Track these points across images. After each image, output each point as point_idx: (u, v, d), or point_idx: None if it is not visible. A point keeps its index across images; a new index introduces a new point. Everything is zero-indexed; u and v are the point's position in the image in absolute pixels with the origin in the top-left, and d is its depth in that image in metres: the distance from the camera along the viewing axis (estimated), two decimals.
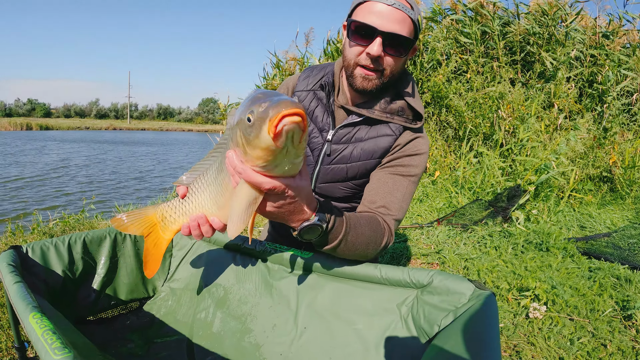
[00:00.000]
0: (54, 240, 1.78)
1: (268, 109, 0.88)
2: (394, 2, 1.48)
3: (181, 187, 1.31)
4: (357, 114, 1.70)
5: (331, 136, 1.74)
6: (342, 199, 1.83)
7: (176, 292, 2.01)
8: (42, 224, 4.71)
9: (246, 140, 0.95)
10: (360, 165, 1.72)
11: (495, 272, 3.39)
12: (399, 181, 1.66)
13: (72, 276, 1.78)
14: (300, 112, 0.88)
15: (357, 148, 1.70)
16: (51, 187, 11.92)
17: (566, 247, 4.04)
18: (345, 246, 1.39)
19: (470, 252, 3.89)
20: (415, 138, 1.70)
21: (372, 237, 1.47)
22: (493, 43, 7.80)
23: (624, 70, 7.52)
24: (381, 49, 1.50)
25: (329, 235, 1.31)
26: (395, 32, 1.49)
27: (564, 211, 5.45)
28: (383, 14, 1.48)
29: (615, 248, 4.36)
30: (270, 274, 1.74)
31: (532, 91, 7.25)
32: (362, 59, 1.56)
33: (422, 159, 1.70)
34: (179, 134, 70.44)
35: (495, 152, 6.11)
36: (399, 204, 1.62)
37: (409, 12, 1.51)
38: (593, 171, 6.45)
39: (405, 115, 1.70)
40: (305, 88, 1.83)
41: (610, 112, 7.41)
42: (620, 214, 5.75)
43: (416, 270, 1.45)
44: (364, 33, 1.51)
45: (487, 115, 6.71)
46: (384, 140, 1.68)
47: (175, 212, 1.34)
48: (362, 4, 1.55)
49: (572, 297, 3.03)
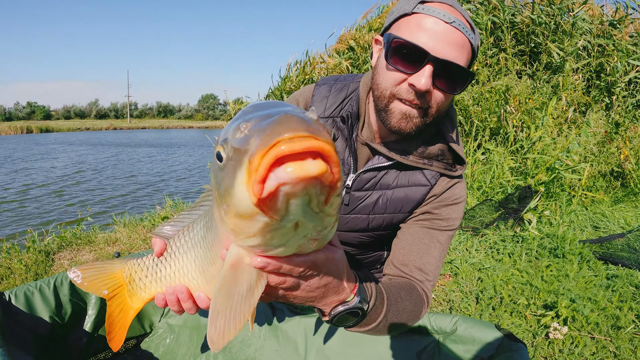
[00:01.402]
0: (38, 284, 1.65)
1: (249, 138, 0.50)
2: (454, 20, 1.13)
3: (157, 240, 0.97)
4: (386, 157, 1.34)
5: (352, 181, 1.38)
6: (356, 246, 1.53)
7: (174, 329, 1.88)
8: (37, 241, 4.58)
9: (218, 197, 0.60)
10: (385, 217, 1.40)
11: (511, 283, 3.25)
12: (436, 237, 1.35)
13: (61, 320, 1.65)
14: (321, 147, 0.48)
15: (383, 197, 1.38)
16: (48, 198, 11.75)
17: (582, 253, 3.92)
18: (382, 326, 1.08)
19: (484, 261, 3.75)
20: (454, 185, 1.38)
21: (413, 312, 1.19)
22: (502, 34, 7.60)
23: (632, 61, 7.33)
24: (431, 81, 1.14)
25: (367, 317, 1.00)
26: (452, 61, 1.14)
27: (576, 211, 5.32)
28: (438, 33, 1.13)
29: (631, 251, 4.26)
30: (275, 315, 1.60)
31: (539, 83, 7.08)
32: (403, 90, 1.18)
33: (461, 208, 1.40)
34: (180, 131, 70.38)
35: (505, 149, 5.93)
36: (435, 265, 1.32)
37: (469, 35, 1.16)
38: (605, 167, 6.29)
39: (445, 160, 1.36)
40: (323, 113, 1.43)
41: (619, 104, 7.24)
42: (634, 212, 5.63)
43: (438, 316, 1.32)
44: (409, 56, 1.15)
45: (493, 110, 6.54)
46: (417, 191, 1.36)
47: (148, 275, 0.99)
48: (408, 16, 1.19)
49: (592, 312, 2.90)
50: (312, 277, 0.78)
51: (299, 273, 0.73)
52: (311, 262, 0.73)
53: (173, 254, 0.92)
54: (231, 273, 0.66)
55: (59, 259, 4.60)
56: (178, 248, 0.91)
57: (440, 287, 3.36)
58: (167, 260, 0.94)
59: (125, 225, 5.72)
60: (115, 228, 5.64)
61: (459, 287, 3.33)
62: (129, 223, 5.81)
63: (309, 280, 0.78)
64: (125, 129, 76.15)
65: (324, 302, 0.89)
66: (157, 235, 0.98)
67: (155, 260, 0.97)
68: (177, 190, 13.15)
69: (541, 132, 5.42)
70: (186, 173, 17.71)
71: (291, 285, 0.76)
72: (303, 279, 0.76)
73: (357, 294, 0.92)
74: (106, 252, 4.79)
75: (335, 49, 8.33)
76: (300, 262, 0.70)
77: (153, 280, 0.98)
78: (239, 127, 0.53)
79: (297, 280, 0.76)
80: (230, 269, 0.66)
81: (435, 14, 1.13)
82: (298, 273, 0.73)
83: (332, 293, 0.87)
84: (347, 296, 0.91)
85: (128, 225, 5.74)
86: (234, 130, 0.54)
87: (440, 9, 1.14)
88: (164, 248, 0.96)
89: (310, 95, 1.48)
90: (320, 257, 0.74)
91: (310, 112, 0.55)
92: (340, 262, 0.83)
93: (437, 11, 1.13)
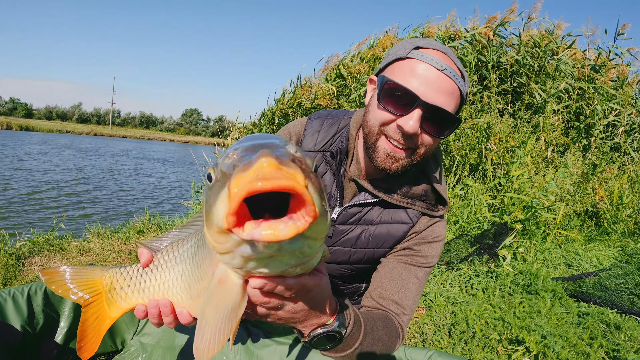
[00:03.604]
0: (11, 291, 1.60)
1: (232, 166, 0.57)
2: (446, 67, 1.17)
3: (144, 251, 0.98)
4: (372, 194, 1.39)
5: (337, 215, 1.42)
6: (336, 277, 1.55)
7: (147, 348, 1.84)
8: (9, 243, 4.46)
9: (205, 213, 0.64)
10: (367, 251, 1.43)
11: (484, 318, 3.27)
12: (414, 273, 1.38)
13: (33, 331, 1.61)
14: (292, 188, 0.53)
15: (366, 232, 1.41)
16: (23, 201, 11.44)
17: (554, 290, 3.98)
18: (358, 353, 1.12)
19: (457, 295, 3.77)
20: (434, 223, 1.42)
21: (388, 343, 1.22)
22: (487, 72, 7.82)
23: (612, 105, 7.61)
24: (419, 124, 1.17)
25: (343, 342, 1.06)
26: (441, 106, 1.17)
27: (550, 248, 5.41)
28: (429, 79, 1.16)
29: (603, 289, 4.34)
30: (251, 340, 1.58)
31: (519, 122, 7.27)
32: (391, 130, 1.22)
33: (440, 246, 1.44)
34: (161, 144, 69.63)
35: (484, 185, 6.04)
36: (412, 299, 1.35)
37: (459, 82, 1.20)
38: (579, 207, 6.44)
39: (427, 200, 1.40)
40: (313, 147, 1.45)
41: (597, 146, 7.46)
42: (607, 251, 5.74)
43: (413, 349, 1.33)
44: (401, 99, 1.18)
45: (474, 146, 6.67)
46: (399, 228, 1.40)
47: (130, 285, 0.99)
48: (402, 60, 1.23)
49: (563, 348, 2.93)
50: (297, 299, 0.84)
51: (285, 294, 0.78)
52: (300, 285, 0.78)
53: (160, 266, 0.93)
54: (219, 288, 0.72)
55: (29, 264, 4.47)
56: (166, 262, 0.92)
57: (414, 319, 3.37)
58: (152, 273, 0.94)
59: (99, 236, 5.60)
60: (88, 237, 5.52)
61: (432, 320, 3.34)
62: (103, 234, 5.69)
63: (295, 302, 0.84)
64: (106, 136, 75.15)
65: (305, 324, 0.95)
66: (145, 246, 0.99)
67: (140, 270, 0.97)
68: (155, 204, 12.94)
69: (520, 171, 5.55)
70: (166, 188, 17.47)
71: (276, 305, 0.82)
72: (288, 300, 0.83)
73: (336, 318, 0.99)
74: (78, 262, 4.67)
75: (326, 78, 8.48)
76: (286, 284, 0.76)
77: (135, 291, 0.97)
78: (228, 154, 0.59)
79: (281, 301, 0.82)
80: (218, 284, 0.72)
81: (428, 61, 1.17)
82: (283, 294, 0.78)
83: (314, 316, 0.93)
84: (327, 320, 0.98)
85: (102, 235, 5.62)
86: (224, 157, 0.60)
87: (433, 56, 1.18)
88: (151, 260, 0.97)
89: (303, 129, 1.52)
90: (307, 282, 0.80)
91: (291, 147, 0.61)
92: (325, 289, 0.90)
93: (430, 58, 1.18)
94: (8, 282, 4.00)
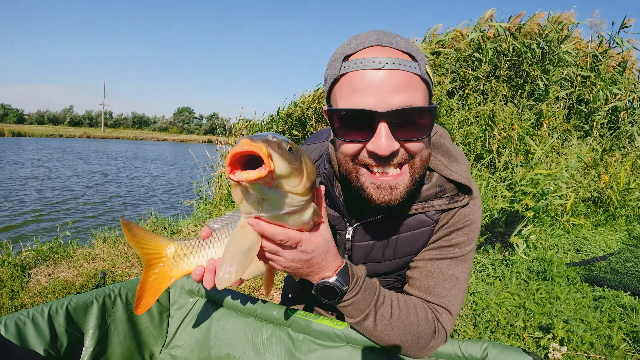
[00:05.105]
0: (30, 313, 1.51)
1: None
2: (385, 63, 0.98)
3: (205, 228, 1.19)
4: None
5: (351, 234, 1.32)
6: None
7: None
8: (12, 254, 4.38)
9: None
10: (397, 262, 1.33)
11: (505, 306, 3.28)
12: (451, 267, 1.25)
13: (56, 354, 1.52)
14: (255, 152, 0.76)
15: (389, 248, 1.29)
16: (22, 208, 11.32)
17: (569, 275, 4.01)
18: (376, 325, 1.16)
19: (476, 284, 3.77)
20: (463, 207, 1.25)
21: (418, 331, 1.15)
22: (498, 62, 7.96)
23: (615, 90, 7.66)
24: (392, 139, 0.99)
25: (352, 303, 1.13)
26: (404, 107, 0.98)
27: (559, 235, 5.43)
28: (374, 85, 0.98)
29: (614, 273, 4.38)
30: (295, 346, 1.50)
31: (522, 110, 7.27)
32: (365, 157, 1.05)
33: (473, 229, 1.27)
34: (155, 144, 69.33)
35: (494, 174, 6.01)
36: (455, 297, 1.24)
37: (410, 67, 1.00)
38: (586, 193, 6.45)
39: (447, 195, 1.24)
40: None
41: (598, 131, 7.48)
42: (614, 235, 5.78)
43: (467, 342, 1.27)
44: (357, 123, 1.01)
45: (478, 135, 6.63)
46: (422, 233, 1.26)
47: (193, 251, 1.22)
48: (338, 81, 1.06)
49: (586, 332, 2.97)
50: (291, 248, 0.99)
51: (279, 240, 0.95)
52: (289, 235, 0.95)
53: (218, 239, 1.19)
54: (240, 231, 0.96)
55: (35, 274, 4.40)
56: (219, 235, 1.18)
57: None
58: (210, 242, 1.20)
59: (105, 241, 5.53)
60: (94, 243, 5.45)
61: None
62: (109, 239, 5.62)
63: (290, 250, 0.99)
64: (99, 138, 74.78)
65: (312, 278, 1.09)
66: (206, 225, 1.19)
67: (201, 241, 1.21)
68: (157, 204, 12.86)
69: (531, 158, 5.54)
70: (165, 187, 17.39)
71: (274, 249, 0.99)
72: (283, 247, 0.98)
73: (338, 274, 1.10)
74: (85, 269, 4.60)
75: None
76: (280, 231, 0.93)
77: (197, 256, 1.21)
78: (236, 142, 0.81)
79: (276, 247, 0.98)
80: (239, 229, 0.97)
81: (363, 66, 1.00)
82: (279, 240, 0.95)
83: (316, 269, 1.07)
84: (330, 275, 1.09)
85: (108, 240, 5.56)
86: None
87: (367, 57, 1.01)
88: (209, 235, 1.18)
89: None
90: (295, 234, 0.96)
91: (270, 136, 0.82)
92: (320, 245, 1.02)
93: (364, 61, 1.00)
94: (15, 296, 3.92)
